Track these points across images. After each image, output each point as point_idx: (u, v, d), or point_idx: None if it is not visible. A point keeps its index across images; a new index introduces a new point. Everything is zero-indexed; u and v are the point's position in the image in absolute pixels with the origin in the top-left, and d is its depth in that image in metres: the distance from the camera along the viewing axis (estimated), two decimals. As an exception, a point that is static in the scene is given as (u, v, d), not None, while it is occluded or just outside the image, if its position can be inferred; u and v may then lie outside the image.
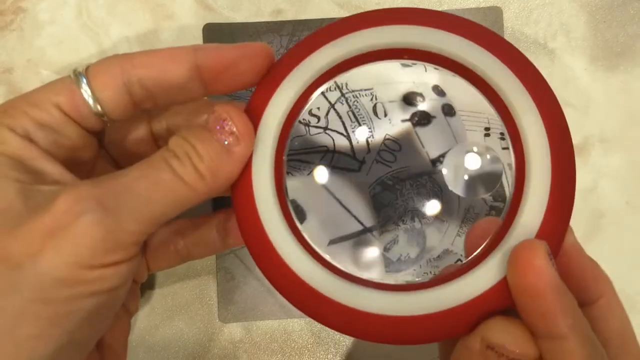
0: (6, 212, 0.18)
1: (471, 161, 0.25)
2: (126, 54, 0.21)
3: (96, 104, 0.20)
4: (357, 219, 0.26)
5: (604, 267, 0.22)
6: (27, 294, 0.17)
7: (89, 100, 0.20)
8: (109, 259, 0.18)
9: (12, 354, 0.17)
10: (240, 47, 0.21)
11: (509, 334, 0.18)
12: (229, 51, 0.21)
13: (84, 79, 0.20)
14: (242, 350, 0.32)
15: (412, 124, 0.26)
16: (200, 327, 0.32)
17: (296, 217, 0.22)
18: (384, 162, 0.26)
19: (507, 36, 0.32)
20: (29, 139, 0.20)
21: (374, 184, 0.26)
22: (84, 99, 0.20)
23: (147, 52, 0.21)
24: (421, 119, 0.26)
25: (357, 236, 0.26)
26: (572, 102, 0.32)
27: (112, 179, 0.19)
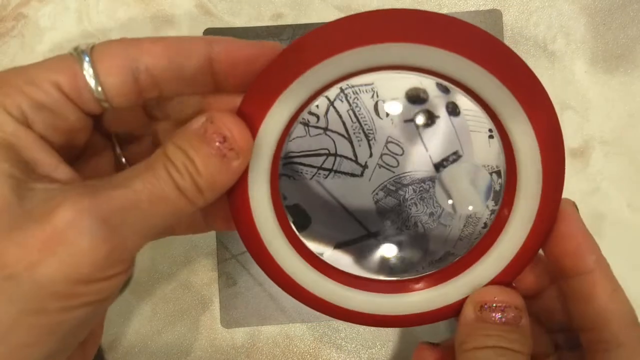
0: (1, 213, 0.17)
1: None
2: (135, 38, 0.20)
3: (98, 89, 0.19)
4: (361, 224, 0.26)
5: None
6: (21, 305, 0.17)
7: (91, 83, 0.19)
8: (108, 273, 0.18)
9: (6, 359, 0.17)
10: (257, 45, 0.20)
11: (497, 290, 0.21)
12: (245, 47, 0.20)
13: (87, 59, 0.19)
14: (244, 355, 0.32)
15: (415, 125, 0.25)
16: (202, 333, 0.32)
17: (299, 222, 0.22)
18: (387, 167, 0.26)
19: (507, 39, 0.32)
20: (25, 123, 0.19)
21: (377, 189, 0.26)
22: (86, 82, 0.19)
23: (158, 38, 0.20)
24: (425, 119, 0.25)
25: (361, 241, 0.26)
26: (572, 105, 0.32)
27: (113, 188, 0.18)
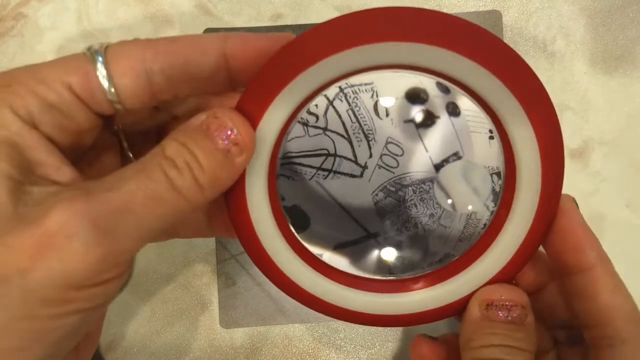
0: None
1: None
2: (149, 39, 0.19)
3: (112, 90, 0.19)
4: (361, 225, 0.26)
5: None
6: (12, 309, 0.17)
7: (104, 85, 0.19)
8: (101, 278, 0.17)
9: None
10: (271, 37, 0.20)
11: (503, 288, 0.21)
12: (259, 41, 0.20)
13: (100, 60, 0.18)
14: (243, 355, 0.32)
15: (416, 125, 0.25)
16: (201, 333, 0.32)
17: (298, 223, 0.22)
18: (387, 168, 0.26)
19: (507, 40, 0.32)
20: (31, 123, 0.18)
21: (377, 190, 0.26)
22: (99, 82, 0.18)
23: (172, 38, 0.19)
24: (425, 120, 0.25)
25: (360, 242, 0.26)
26: (571, 106, 0.32)
27: (106, 190, 0.17)
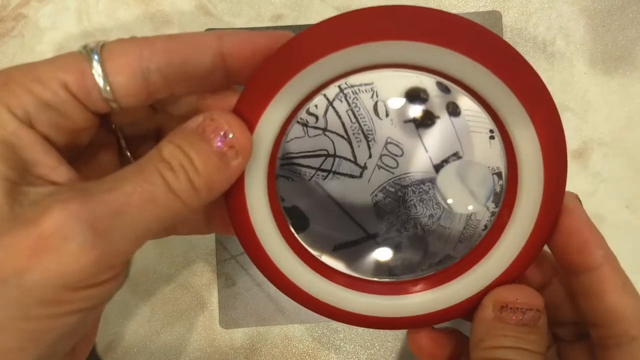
0: None
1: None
2: (145, 37, 0.19)
3: (107, 89, 0.19)
4: (360, 226, 0.26)
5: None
6: (8, 310, 0.17)
7: (100, 83, 0.19)
8: (97, 279, 0.17)
9: None
10: (268, 35, 0.20)
11: (518, 290, 0.21)
12: (257, 38, 0.20)
13: (96, 58, 0.18)
14: (242, 356, 0.32)
15: (415, 125, 0.25)
16: (201, 333, 0.32)
17: (297, 224, 0.22)
18: (386, 168, 0.26)
19: (506, 40, 0.32)
20: (27, 123, 0.18)
21: (376, 190, 0.26)
22: (95, 81, 0.18)
23: (169, 36, 0.19)
24: (425, 120, 0.25)
25: (360, 243, 0.26)
26: (571, 106, 0.32)
27: (103, 192, 0.17)
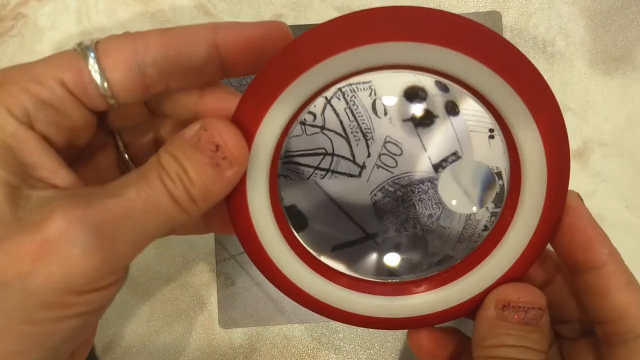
0: None
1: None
2: (139, 32, 0.19)
3: (104, 85, 0.19)
4: (359, 226, 0.26)
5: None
6: (11, 313, 0.17)
7: (97, 79, 0.19)
8: (100, 283, 0.18)
9: None
10: (261, 25, 0.20)
11: (521, 289, 0.21)
12: (250, 29, 0.20)
13: (92, 55, 0.19)
14: (242, 355, 0.32)
15: (414, 124, 0.25)
16: (200, 333, 0.32)
17: (296, 223, 0.22)
18: (385, 168, 0.26)
19: (507, 41, 0.32)
20: (27, 123, 0.18)
21: (375, 190, 0.26)
22: (92, 77, 0.19)
23: (162, 30, 0.19)
24: (423, 119, 0.25)
25: (359, 243, 0.25)
26: (571, 107, 0.32)
27: (107, 197, 0.18)
